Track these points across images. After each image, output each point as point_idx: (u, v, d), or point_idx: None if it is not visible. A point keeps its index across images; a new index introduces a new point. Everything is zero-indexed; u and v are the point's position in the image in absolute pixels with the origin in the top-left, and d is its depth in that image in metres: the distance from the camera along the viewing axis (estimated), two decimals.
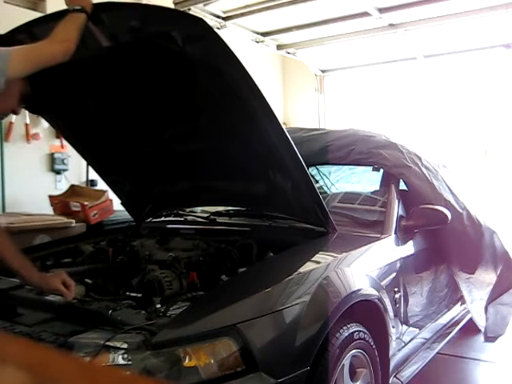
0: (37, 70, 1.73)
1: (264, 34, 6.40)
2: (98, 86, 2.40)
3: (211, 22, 5.86)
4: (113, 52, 2.08)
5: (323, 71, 7.71)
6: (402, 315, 2.41)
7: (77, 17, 1.83)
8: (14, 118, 4.30)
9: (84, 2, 1.86)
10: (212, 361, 1.52)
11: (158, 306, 1.82)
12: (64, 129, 2.92)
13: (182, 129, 2.50)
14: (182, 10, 5.49)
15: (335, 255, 2.13)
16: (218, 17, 5.83)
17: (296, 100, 7.90)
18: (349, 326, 1.90)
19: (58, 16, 1.97)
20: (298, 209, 2.42)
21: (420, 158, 2.98)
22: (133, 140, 2.69)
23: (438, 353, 2.92)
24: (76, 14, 1.83)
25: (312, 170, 3.39)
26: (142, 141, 2.67)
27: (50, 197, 4.32)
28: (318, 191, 2.26)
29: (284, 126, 2.09)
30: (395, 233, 2.54)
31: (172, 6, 5.52)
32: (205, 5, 5.49)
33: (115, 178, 3.02)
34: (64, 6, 1.89)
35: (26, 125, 4.53)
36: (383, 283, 2.22)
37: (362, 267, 2.14)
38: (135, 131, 2.65)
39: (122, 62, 2.21)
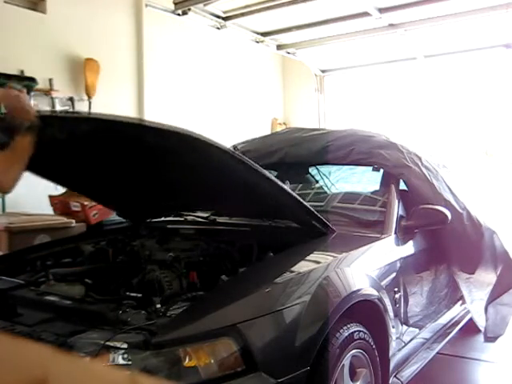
0: None
1: (264, 34, 6.40)
2: (80, 153, 2.32)
3: (211, 22, 5.87)
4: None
5: (323, 71, 7.72)
6: (402, 315, 2.41)
7: (22, 146, 1.75)
8: None
9: (29, 116, 1.76)
10: (212, 361, 1.52)
11: (158, 305, 1.82)
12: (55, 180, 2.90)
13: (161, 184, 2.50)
14: (182, 10, 5.51)
15: (335, 255, 2.13)
16: (218, 17, 5.84)
17: (296, 100, 7.89)
18: (349, 325, 1.90)
19: None
20: (294, 220, 2.41)
21: (420, 158, 2.98)
22: (121, 181, 2.65)
23: (438, 353, 2.92)
24: (23, 140, 1.75)
25: (312, 170, 3.40)
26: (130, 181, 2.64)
27: (50, 197, 4.32)
28: (306, 204, 2.22)
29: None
30: (395, 233, 2.54)
31: (172, 6, 5.53)
32: (205, 5, 5.50)
33: (111, 204, 3.09)
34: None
35: None
36: (383, 283, 2.22)
37: (362, 267, 2.14)
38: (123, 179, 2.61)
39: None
